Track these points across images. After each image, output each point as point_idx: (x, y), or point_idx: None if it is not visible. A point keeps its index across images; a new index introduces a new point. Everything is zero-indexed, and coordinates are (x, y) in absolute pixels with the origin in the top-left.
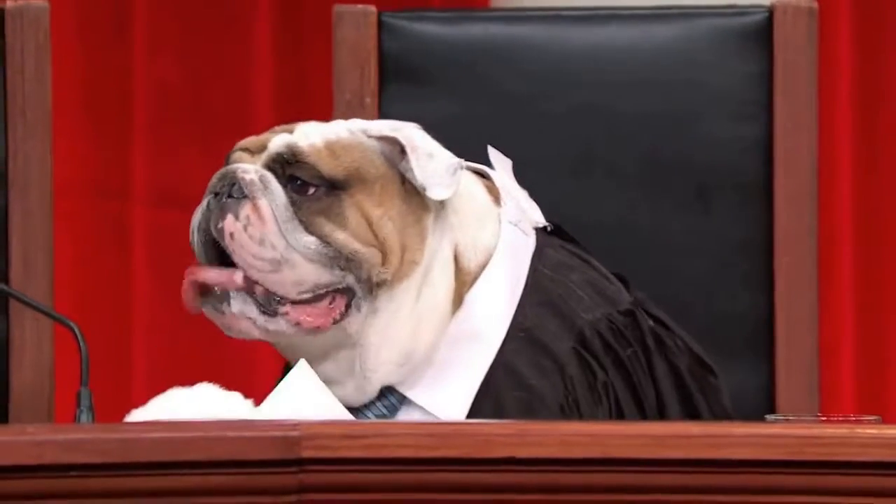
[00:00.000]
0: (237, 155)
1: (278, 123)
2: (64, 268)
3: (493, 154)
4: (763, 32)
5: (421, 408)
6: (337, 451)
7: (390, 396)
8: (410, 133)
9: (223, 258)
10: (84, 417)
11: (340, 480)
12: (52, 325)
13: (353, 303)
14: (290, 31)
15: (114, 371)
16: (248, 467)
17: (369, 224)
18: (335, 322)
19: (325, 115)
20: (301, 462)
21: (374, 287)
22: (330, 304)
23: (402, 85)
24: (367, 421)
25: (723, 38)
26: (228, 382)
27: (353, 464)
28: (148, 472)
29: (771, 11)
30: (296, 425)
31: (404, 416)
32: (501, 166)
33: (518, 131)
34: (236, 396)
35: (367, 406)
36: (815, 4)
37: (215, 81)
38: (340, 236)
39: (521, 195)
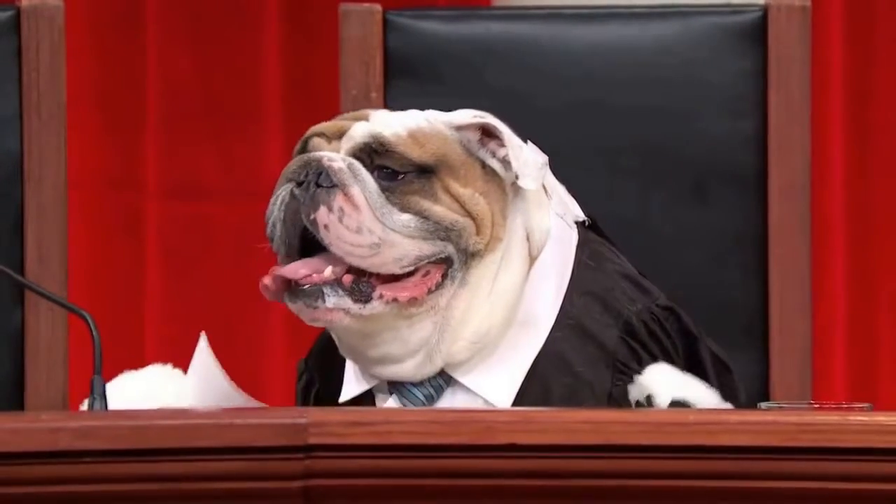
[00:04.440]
0: (315, 142)
1: (286, 118)
2: (78, 259)
3: (532, 148)
4: (758, 30)
5: (466, 390)
6: (343, 438)
7: (438, 377)
8: (497, 123)
9: (306, 246)
10: (97, 405)
11: (346, 466)
12: (66, 314)
13: (448, 273)
14: (298, 29)
15: (126, 360)
16: (257, 453)
17: (461, 203)
18: (430, 292)
19: (332, 110)
20: (308, 449)
21: (468, 258)
22: (424, 275)
23: (406, 81)
24: (372, 409)
25: (719, 35)
26: (238, 371)
27: (358, 450)
28: (159, 457)
29: (765, 10)
30: (303, 413)
31: (449, 397)
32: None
33: (518, 127)
34: (176, 374)
35: (416, 384)
36: (809, 3)
37: (225, 77)
38: (438, 209)
39: (561, 189)
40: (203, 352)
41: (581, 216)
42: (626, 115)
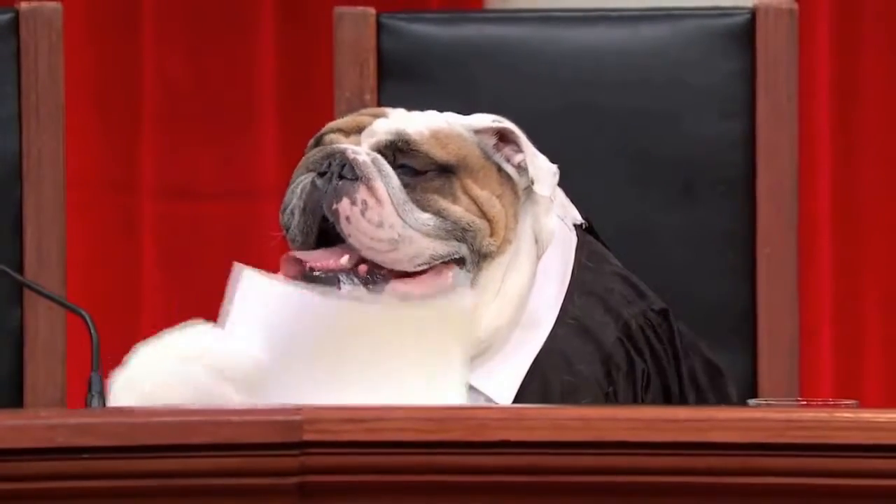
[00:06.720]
0: (333, 136)
1: (282, 120)
2: (76, 259)
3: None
4: (746, 33)
5: (468, 386)
6: (337, 435)
7: None
8: (514, 129)
9: (322, 238)
10: (95, 402)
11: (341, 463)
12: (64, 313)
13: (460, 272)
14: (292, 31)
15: (123, 358)
16: (252, 450)
17: (479, 204)
18: (441, 291)
19: (327, 112)
20: (303, 445)
21: (481, 259)
22: (436, 274)
23: (399, 83)
24: (366, 406)
25: (707, 38)
26: None
27: (353, 447)
28: (155, 454)
29: (753, 12)
30: (298, 410)
31: None
32: None
33: None
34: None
35: None
36: (796, 6)
37: (221, 79)
38: (457, 210)
39: (560, 193)
40: (247, 278)
41: (579, 219)
42: (616, 116)
